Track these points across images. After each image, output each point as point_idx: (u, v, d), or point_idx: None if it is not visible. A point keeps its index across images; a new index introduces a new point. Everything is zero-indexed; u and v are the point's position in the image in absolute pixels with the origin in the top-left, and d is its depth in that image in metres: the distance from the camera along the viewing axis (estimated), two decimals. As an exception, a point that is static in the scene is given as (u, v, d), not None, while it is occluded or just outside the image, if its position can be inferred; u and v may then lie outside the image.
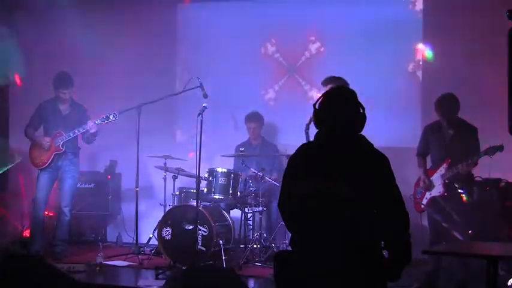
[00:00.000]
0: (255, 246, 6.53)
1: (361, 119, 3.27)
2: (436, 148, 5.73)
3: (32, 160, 6.62)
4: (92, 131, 6.44)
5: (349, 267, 3.06)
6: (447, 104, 5.58)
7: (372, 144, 3.27)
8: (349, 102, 3.27)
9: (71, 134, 6.46)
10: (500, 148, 5.31)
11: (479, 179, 5.77)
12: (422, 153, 5.85)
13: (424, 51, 7.09)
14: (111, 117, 6.44)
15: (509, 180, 5.85)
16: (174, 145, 7.43)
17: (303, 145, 3.42)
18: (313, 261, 3.10)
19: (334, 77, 5.57)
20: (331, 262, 3.07)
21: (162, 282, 5.45)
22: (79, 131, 6.45)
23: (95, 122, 6.41)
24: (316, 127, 3.33)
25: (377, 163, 3.19)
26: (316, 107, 3.32)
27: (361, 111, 3.27)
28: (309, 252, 3.15)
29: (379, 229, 3.12)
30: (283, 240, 6.60)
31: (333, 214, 3.11)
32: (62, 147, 6.49)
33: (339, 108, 3.25)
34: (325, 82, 5.59)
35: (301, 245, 3.22)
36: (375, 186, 3.10)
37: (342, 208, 3.10)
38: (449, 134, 5.60)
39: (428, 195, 5.68)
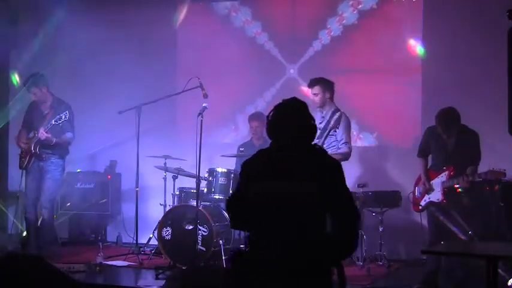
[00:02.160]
0: (255, 246, 6.52)
1: (312, 129, 3.46)
2: (437, 154, 5.70)
3: (19, 161, 6.64)
4: (42, 138, 6.30)
5: (306, 265, 3.21)
6: (446, 120, 5.54)
7: (325, 151, 3.52)
8: (301, 115, 3.43)
9: (35, 138, 6.36)
10: (501, 174, 5.30)
11: (479, 179, 5.77)
12: (423, 154, 5.82)
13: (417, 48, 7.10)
14: (63, 116, 6.32)
15: (510, 180, 5.85)
16: (174, 145, 7.43)
17: (261, 151, 3.53)
18: (272, 260, 3.22)
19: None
20: (289, 260, 3.21)
21: (162, 282, 5.45)
22: (36, 138, 6.33)
23: (47, 125, 6.29)
24: (270, 137, 3.48)
25: (331, 168, 3.38)
26: (270, 118, 3.46)
27: (312, 122, 3.46)
28: (268, 252, 3.27)
29: (333, 228, 3.33)
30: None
31: (292, 215, 3.26)
32: (34, 149, 6.38)
33: (291, 121, 3.40)
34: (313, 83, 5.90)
35: (261, 244, 3.33)
36: (329, 189, 3.29)
37: (300, 210, 3.27)
38: (451, 142, 5.57)
39: (427, 198, 5.68)
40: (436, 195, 5.58)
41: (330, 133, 5.71)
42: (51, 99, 6.59)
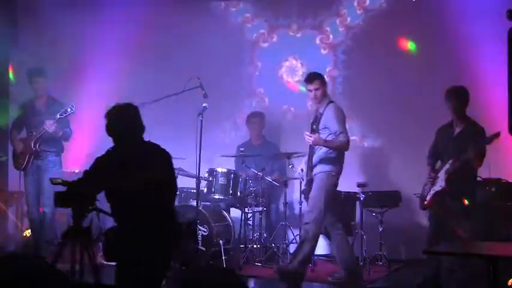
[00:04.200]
0: (255, 246, 6.53)
1: (142, 128, 4.27)
2: (443, 144, 5.62)
3: (13, 163, 6.64)
4: (50, 130, 6.30)
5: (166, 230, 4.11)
6: (455, 95, 5.50)
7: (158, 145, 4.31)
8: (138, 116, 4.27)
9: (37, 134, 6.37)
10: (496, 135, 5.23)
11: (480, 179, 5.76)
12: (432, 155, 5.75)
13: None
14: (68, 109, 6.34)
15: (509, 180, 5.85)
16: (174, 145, 7.41)
17: (113, 149, 4.22)
18: (146, 230, 4.04)
19: None
20: (157, 228, 4.05)
21: (162, 282, 5.43)
22: (40, 132, 6.34)
23: (53, 119, 6.29)
24: (111, 135, 4.21)
25: (166, 156, 4.27)
26: (107, 119, 4.19)
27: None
28: (142, 224, 4.07)
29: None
30: (283, 240, 6.61)
31: (158, 197, 4.05)
32: (35, 146, 6.40)
33: (133, 121, 4.24)
34: None
35: (135, 219, 4.10)
36: (167, 171, 4.23)
37: (155, 188, 4.03)
38: (457, 130, 5.51)
39: (432, 191, 5.62)
40: (440, 183, 5.50)
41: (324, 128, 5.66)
42: (46, 97, 6.61)
